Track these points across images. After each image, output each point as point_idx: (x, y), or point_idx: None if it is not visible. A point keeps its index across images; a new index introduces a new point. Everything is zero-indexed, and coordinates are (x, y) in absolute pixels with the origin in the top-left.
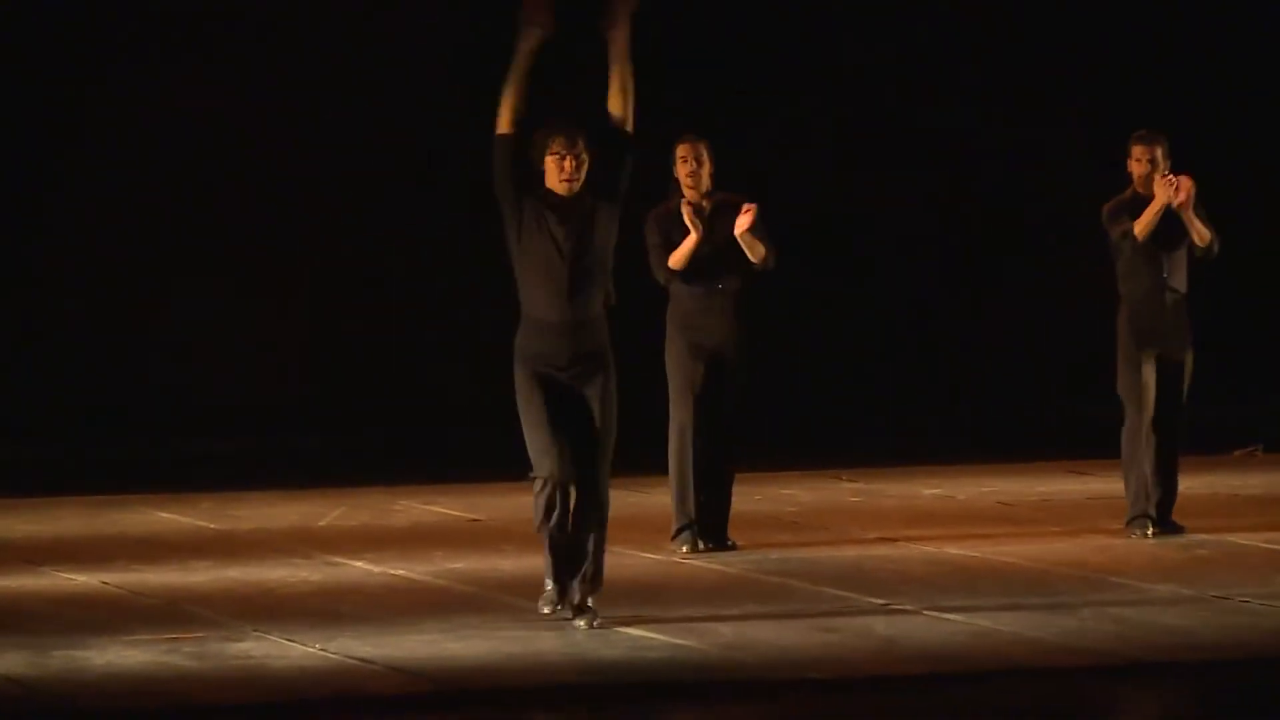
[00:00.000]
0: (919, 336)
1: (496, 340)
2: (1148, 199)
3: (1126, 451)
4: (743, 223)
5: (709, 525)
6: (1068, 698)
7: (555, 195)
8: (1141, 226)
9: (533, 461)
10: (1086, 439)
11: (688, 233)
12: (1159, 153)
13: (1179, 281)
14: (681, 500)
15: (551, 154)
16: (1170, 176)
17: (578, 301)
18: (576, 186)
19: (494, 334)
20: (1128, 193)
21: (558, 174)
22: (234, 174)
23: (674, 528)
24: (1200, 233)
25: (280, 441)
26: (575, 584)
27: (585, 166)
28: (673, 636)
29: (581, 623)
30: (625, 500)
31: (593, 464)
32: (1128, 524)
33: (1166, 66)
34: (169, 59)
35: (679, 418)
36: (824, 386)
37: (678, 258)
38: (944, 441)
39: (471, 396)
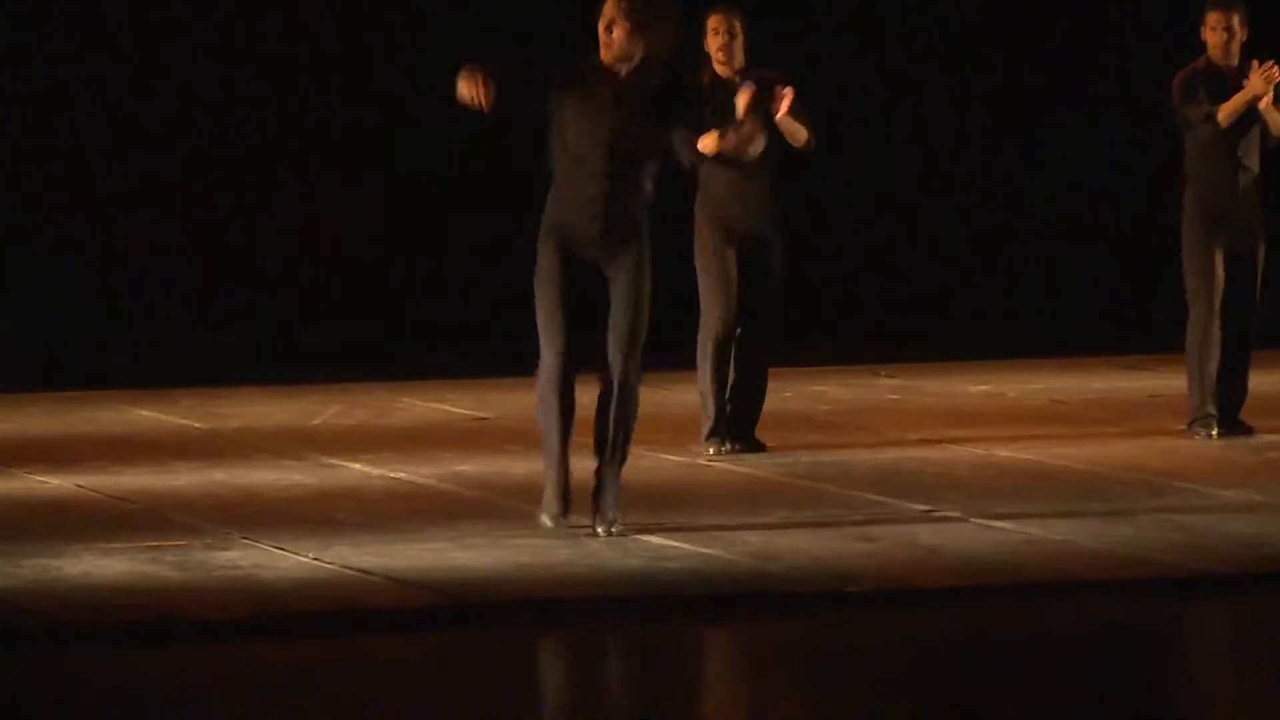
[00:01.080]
0: (965, 220)
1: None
2: (1223, 70)
3: (1192, 345)
4: (781, 108)
5: (737, 425)
6: (1127, 613)
7: (608, 67)
8: (1226, 114)
9: (540, 347)
10: (1147, 331)
11: (715, 110)
12: (1235, 20)
13: (1253, 160)
14: (714, 399)
15: (600, 18)
16: (1272, 68)
17: (618, 177)
18: (614, 56)
19: (502, 216)
20: (1200, 62)
21: (601, 39)
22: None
23: (706, 428)
24: (1277, 124)
25: (271, 332)
26: (598, 484)
27: (628, 34)
28: (697, 545)
29: (600, 529)
30: (645, 398)
31: (625, 350)
32: (1191, 424)
33: None
34: None
35: (713, 310)
36: (861, 274)
37: (708, 143)
38: (992, 334)
39: (481, 282)
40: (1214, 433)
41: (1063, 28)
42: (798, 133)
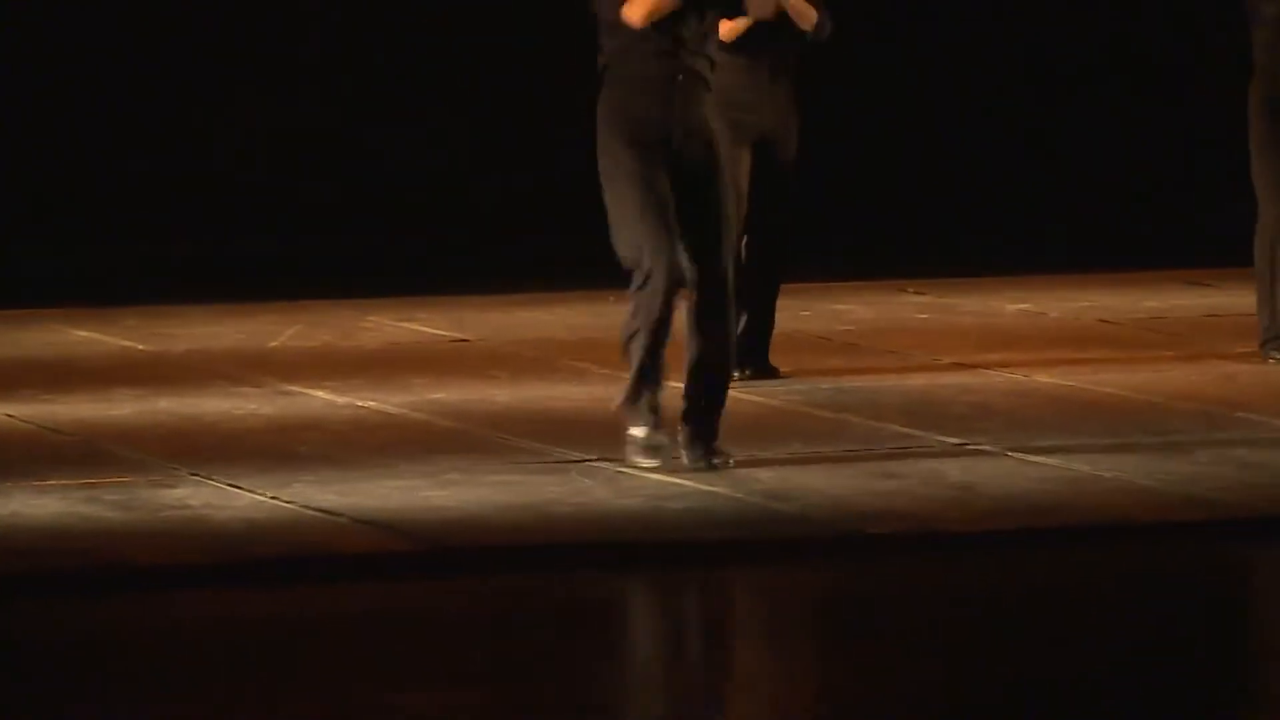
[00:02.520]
0: (1002, 116)
1: (491, 125)
2: None
3: (1261, 257)
4: None
5: (747, 347)
6: (1182, 558)
7: None
8: None
9: (629, 258)
10: (1207, 242)
11: None
12: None
13: None
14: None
15: None
16: None
17: (692, 56)
18: None
19: (488, 120)
20: None
21: None
22: None
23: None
24: None
25: (224, 244)
26: (702, 415)
27: None
28: (702, 483)
29: (717, 460)
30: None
31: (717, 261)
32: (1263, 346)
33: None
34: None
35: None
36: (888, 179)
37: (726, 30)
38: (1032, 246)
39: (461, 189)
40: None
41: None
42: (806, 13)
